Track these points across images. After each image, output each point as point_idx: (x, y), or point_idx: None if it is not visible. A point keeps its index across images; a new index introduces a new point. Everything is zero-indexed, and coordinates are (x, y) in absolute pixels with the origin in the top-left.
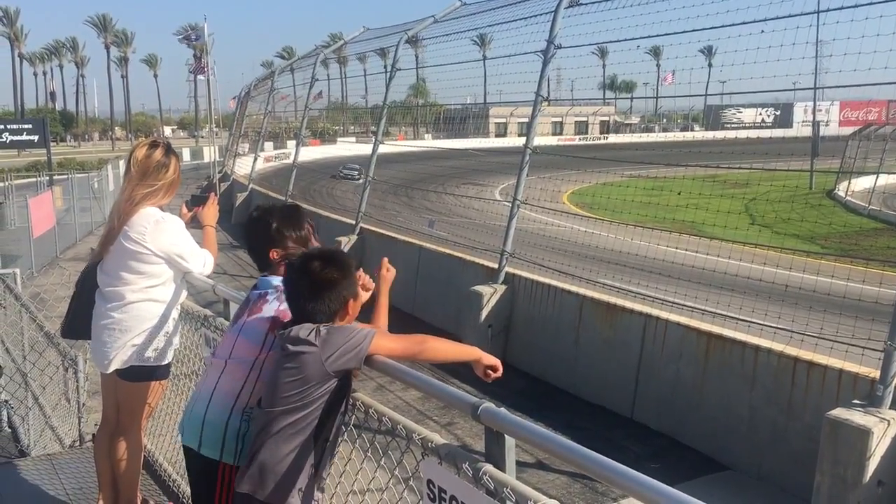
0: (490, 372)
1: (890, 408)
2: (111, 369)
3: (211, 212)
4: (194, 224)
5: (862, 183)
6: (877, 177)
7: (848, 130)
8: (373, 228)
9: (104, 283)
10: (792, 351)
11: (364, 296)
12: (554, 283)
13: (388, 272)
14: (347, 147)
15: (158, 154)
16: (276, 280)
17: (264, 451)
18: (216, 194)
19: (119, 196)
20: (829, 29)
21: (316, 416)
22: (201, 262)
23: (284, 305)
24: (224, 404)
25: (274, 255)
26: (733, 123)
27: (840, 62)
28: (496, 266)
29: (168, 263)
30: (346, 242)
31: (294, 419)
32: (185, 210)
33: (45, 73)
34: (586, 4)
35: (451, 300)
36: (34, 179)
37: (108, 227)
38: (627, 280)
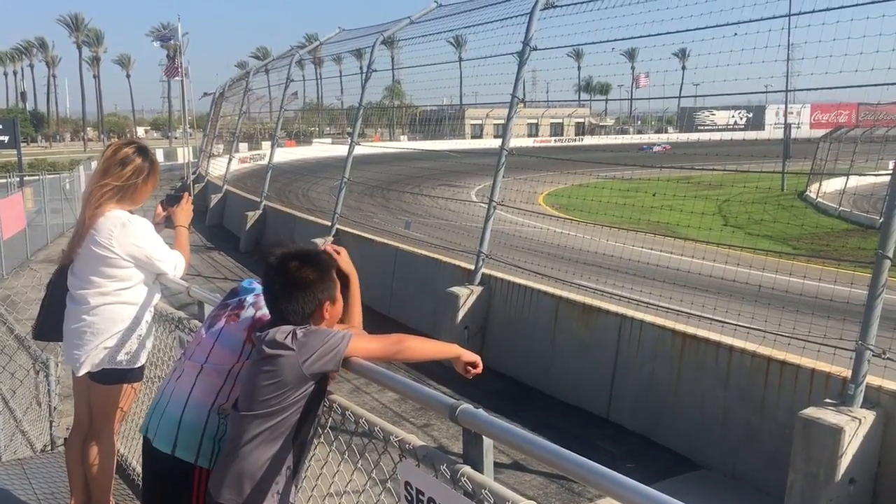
0: (470, 368)
1: (861, 406)
2: (83, 372)
3: (184, 212)
4: (168, 224)
5: (833, 185)
6: (847, 178)
7: (819, 133)
8: (349, 230)
9: (74, 287)
10: (765, 351)
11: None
12: (530, 284)
13: (343, 255)
14: (323, 148)
15: (123, 153)
16: (259, 289)
17: (242, 458)
18: (190, 195)
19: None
20: (801, 32)
21: (294, 419)
22: (172, 264)
23: (262, 311)
24: (201, 409)
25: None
26: (706, 125)
27: (811, 65)
28: (472, 267)
29: (137, 266)
30: (323, 244)
31: (272, 423)
32: (160, 210)
33: (15, 73)
34: (562, 7)
35: (428, 301)
36: (4, 180)
37: (76, 229)
38: (603, 281)
